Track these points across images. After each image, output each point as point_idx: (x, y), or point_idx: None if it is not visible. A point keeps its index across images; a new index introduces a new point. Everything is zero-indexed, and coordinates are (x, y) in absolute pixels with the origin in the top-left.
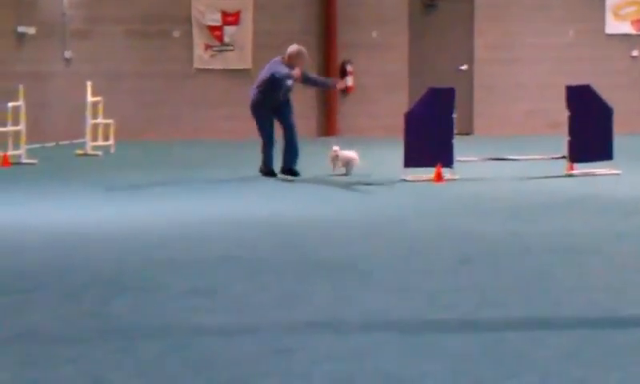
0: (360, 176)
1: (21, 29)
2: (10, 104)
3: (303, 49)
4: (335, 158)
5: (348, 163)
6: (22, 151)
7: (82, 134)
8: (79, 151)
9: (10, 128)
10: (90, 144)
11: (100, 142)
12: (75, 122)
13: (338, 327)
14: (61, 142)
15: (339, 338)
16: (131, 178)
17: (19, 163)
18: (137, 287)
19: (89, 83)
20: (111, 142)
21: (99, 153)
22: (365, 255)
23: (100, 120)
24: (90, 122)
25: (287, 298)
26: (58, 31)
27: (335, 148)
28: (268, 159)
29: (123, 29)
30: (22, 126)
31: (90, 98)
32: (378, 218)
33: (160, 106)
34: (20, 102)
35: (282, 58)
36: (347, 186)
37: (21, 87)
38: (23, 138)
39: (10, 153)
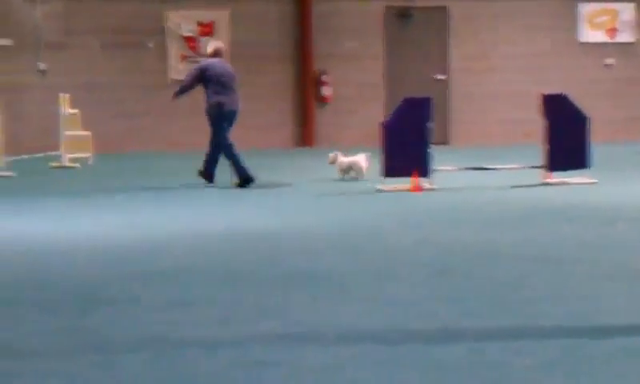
0: (336, 186)
1: None
2: None
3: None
4: (333, 162)
5: (350, 168)
6: None
7: (57, 147)
8: (54, 163)
9: None
10: (66, 156)
11: (78, 154)
12: (50, 134)
13: (314, 339)
14: (35, 155)
15: (316, 349)
16: (108, 191)
17: None
18: (114, 300)
19: (63, 95)
20: (89, 154)
21: (77, 165)
22: (341, 266)
23: (77, 132)
24: (65, 133)
25: (264, 310)
26: (33, 43)
27: (332, 154)
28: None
29: (98, 40)
30: None
31: (65, 110)
32: (355, 229)
33: (137, 117)
34: None
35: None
36: (323, 195)
37: None
38: (1, 149)
39: None
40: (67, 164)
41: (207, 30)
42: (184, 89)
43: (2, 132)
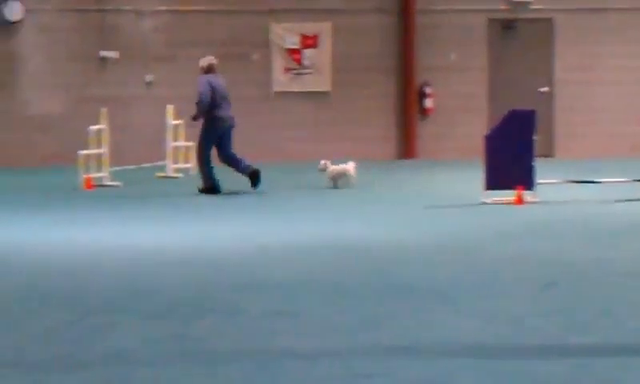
0: (439, 199)
1: (103, 53)
2: (93, 127)
3: None
4: (323, 170)
5: (340, 176)
6: (105, 174)
7: (163, 157)
8: (160, 174)
9: (93, 151)
10: (171, 167)
11: (181, 165)
12: (156, 145)
13: (419, 352)
14: (141, 165)
15: (420, 363)
16: (212, 201)
17: (102, 185)
18: (219, 310)
19: (169, 106)
20: (192, 164)
21: (180, 175)
22: (446, 279)
23: (181, 143)
24: (170, 144)
25: (368, 322)
26: (140, 55)
27: (323, 162)
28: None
29: (203, 52)
30: (104, 149)
31: (170, 121)
32: (458, 241)
33: (239, 129)
34: (103, 126)
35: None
36: (425, 208)
37: (103, 110)
38: (106, 160)
39: (94, 175)
40: (172, 174)
41: (310, 42)
42: (205, 106)
43: (109, 143)
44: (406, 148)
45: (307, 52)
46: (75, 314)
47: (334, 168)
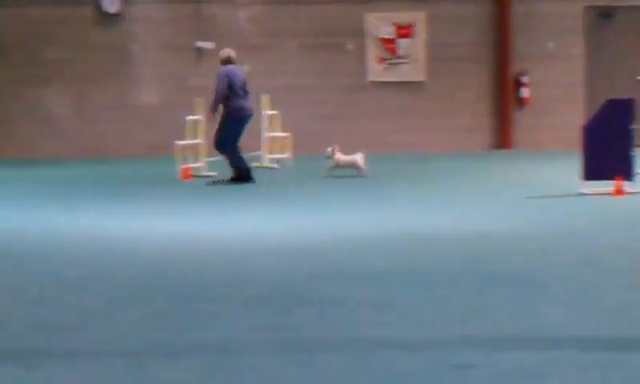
0: (536, 189)
1: (199, 44)
2: (190, 118)
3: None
4: (330, 157)
5: (348, 167)
6: (202, 164)
7: (259, 147)
8: (256, 164)
9: (189, 141)
10: (266, 157)
11: (277, 155)
12: (251, 135)
13: (517, 343)
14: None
15: (518, 354)
16: (307, 191)
17: (199, 176)
18: (316, 299)
19: (265, 96)
20: (288, 154)
21: (276, 165)
22: (543, 269)
23: (277, 133)
24: (266, 135)
25: (465, 313)
26: (235, 46)
27: (330, 148)
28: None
29: (298, 42)
30: (201, 139)
31: (266, 112)
32: (556, 232)
33: (334, 119)
34: (199, 116)
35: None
36: (523, 199)
37: (200, 101)
38: (203, 150)
39: (191, 165)
40: (267, 164)
41: (405, 31)
42: (220, 99)
43: (205, 133)
44: (502, 138)
45: (402, 42)
46: (174, 302)
47: (341, 157)
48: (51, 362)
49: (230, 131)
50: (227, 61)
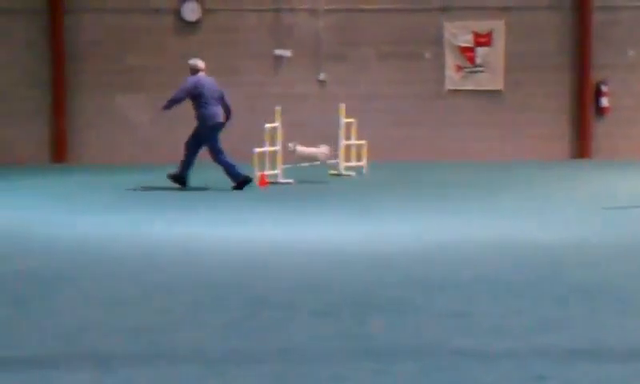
0: (613, 198)
1: (278, 52)
2: (268, 125)
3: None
4: (292, 152)
5: (310, 160)
6: (278, 171)
7: (335, 155)
8: (333, 171)
9: (267, 148)
10: (342, 164)
11: (353, 163)
12: (328, 143)
13: (596, 356)
14: (314, 162)
15: (598, 367)
16: (383, 199)
17: (276, 183)
18: (392, 308)
19: (342, 105)
20: (364, 162)
21: (352, 173)
22: (625, 281)
23: (353, 141)
24: (343, 142)
25: (544, 323)
26: (313, 54)
27: (292, 143)
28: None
29: (375, 51)
30: (278, 146)
31: (343, 119)
32: (636, 242)
33: (411, 127)
34: (277, 123)
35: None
36: (600, 207)
37: (277, 108)
38: (280, 157)
39: (268, 172)
40: (343, 172)
41: (483, 40)
42: (175, 102)
43: (284, 140)
44: (581, 147)
45: (480, 50)
46: (253, 308)
47: (303, 150)
48: (132, 365)
49: (212, 139)
50: (197, 70)
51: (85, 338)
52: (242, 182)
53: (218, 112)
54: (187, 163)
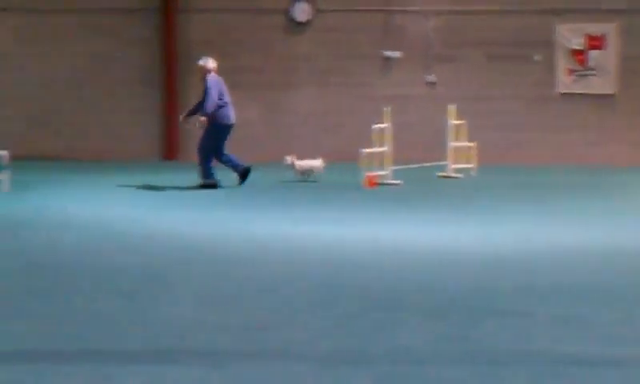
0: None
1: (387, 53)
2: (377, 126)
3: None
4: (290, 167)
5: (308, 172)
6: (386, 172)
7: (444, 157)
8: (441, 173)
9: (375, 149)
10: (451, 167)
11: (462, 165)
12: (436, 145)
13: None
14: (424, 164)
15: None
16: (491, 201)
17: (384, 184)
18: (502, 311)
19: (450, 106)
20: (473, 165)
21: (460, 175)
22: None
23: (462, 143)
24: (451, 144)
25: None
26: (422, 55)
27: (289, 157)
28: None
29: (485, 53)
30: (387, 148)
31: (451, 121)
32: None
33: (520, 130)
34: (386, 124)
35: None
36: None
37: (386, 109)
38: (388, 159)
39: (376, 173)
40: (452, 174)
41: (596, 43)
42: (214, 103)
43: (392, 141)
44: None
45: (592, 53)
46: (361, 308)
47: (300, 164)
48: (241, 362)
49: (221, 139)
50: (212, 70)
51: (194, 335)
52: (242, 174)
53: (233, 113)
54: (207, 171)
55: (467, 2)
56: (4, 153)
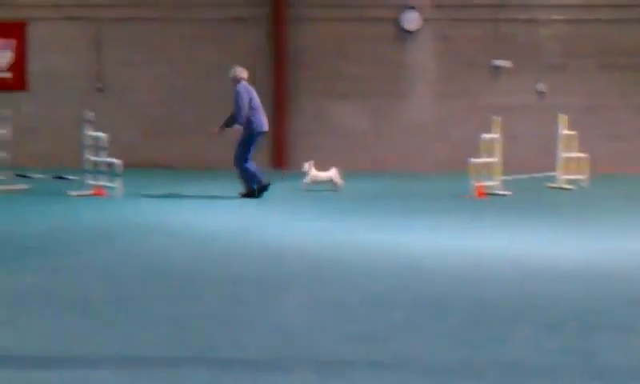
0: None
1: (496, 62)
2: (486, 135)
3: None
4: (307, 173)
5: (323, 182)
6: (496, 182)
7: (554, 167)
8: (551, 184)
9: (484, 159)
10: (561, 177)
11: (574, 176)
12: (546, 155)
13: None
14: (533, 174)
15: None
16: (603, 213)
17: (494, 194)
18: (615, 325)
19: (562, 116)
20: (585, 176)
21: (572, 187)
22: None
23: (574, 153)
24: (562, 155)
25: None
26: (532, 64)
27: (307, 164)
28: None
29: (597, 62)
30: (496, 158)
31: (562, 131)
32: None
33: (633, 141)
34: (496, 134)
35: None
36: None
37: (496, 119)
38: (498, 169)
39: (485, 183)
40: (563, 185)
41: None
42: (244, 113)
43: (502, 151)
44: None
45: None
46: (470, 320)
47: (316, 173)
48: (352, 371)
49: (250, 147)
50: (242, 79)
51: (306, 343)
52: (259, 189)
53: (265, 121)
54: (249, 176)
55: (578, 12)
56: (118, 161)
